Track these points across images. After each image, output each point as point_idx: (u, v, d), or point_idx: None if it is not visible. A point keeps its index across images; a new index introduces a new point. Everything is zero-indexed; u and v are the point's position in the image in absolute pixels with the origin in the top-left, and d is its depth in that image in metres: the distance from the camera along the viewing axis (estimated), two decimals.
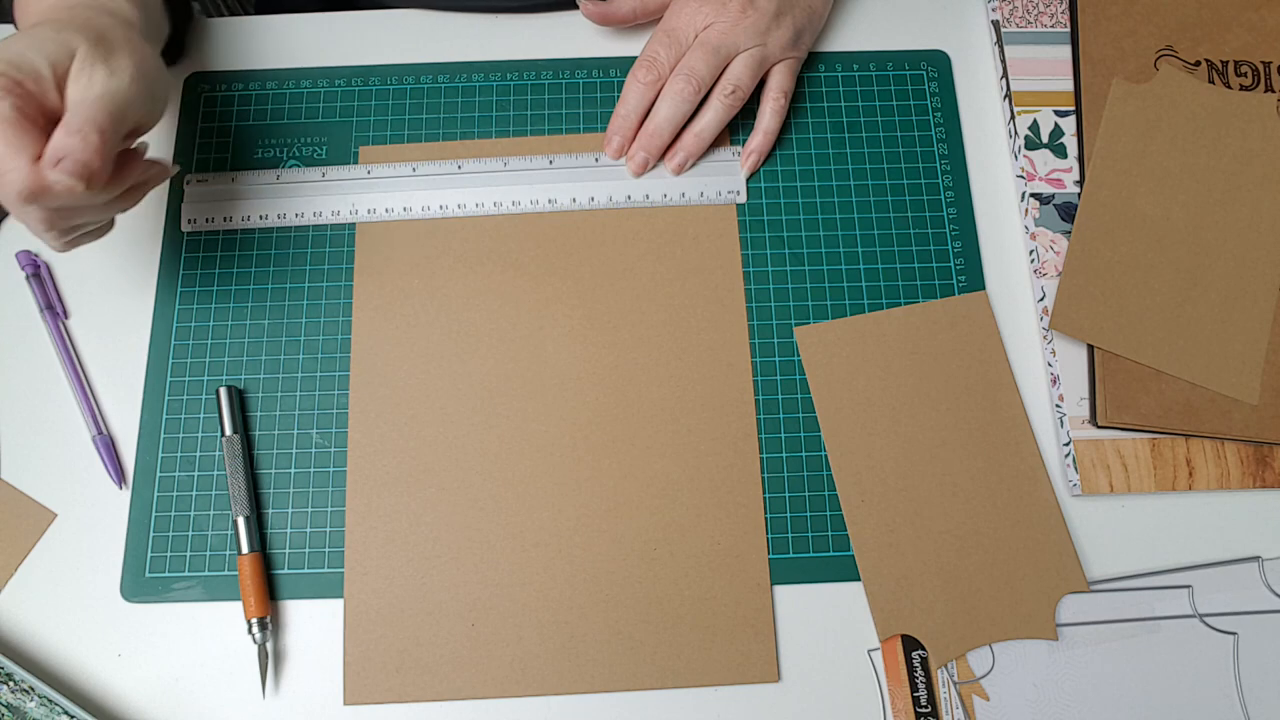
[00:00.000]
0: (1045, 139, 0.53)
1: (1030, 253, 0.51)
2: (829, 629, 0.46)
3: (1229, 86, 0.53)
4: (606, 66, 0.56)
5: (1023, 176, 0.52)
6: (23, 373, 0.49)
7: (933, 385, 0.49)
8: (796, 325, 0.50)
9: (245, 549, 0.45)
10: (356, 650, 0.45)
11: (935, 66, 0.56)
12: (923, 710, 0.44)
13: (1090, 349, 0.48)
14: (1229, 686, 0.45)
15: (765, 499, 0.47)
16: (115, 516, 0.47)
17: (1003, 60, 0.54)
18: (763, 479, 0.47)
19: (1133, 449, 0.47)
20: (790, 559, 0.46)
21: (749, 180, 0.53)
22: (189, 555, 0.46)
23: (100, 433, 0.48)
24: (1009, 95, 0.54)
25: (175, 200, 0.52)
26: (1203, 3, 0.55)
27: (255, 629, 0.44)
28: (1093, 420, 0.47)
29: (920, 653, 0.45)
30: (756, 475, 0.47)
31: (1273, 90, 0.53)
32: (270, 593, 0.46)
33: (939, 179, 0.53)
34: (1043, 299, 0.50)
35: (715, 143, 0.53)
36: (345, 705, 0.44)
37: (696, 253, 0.51)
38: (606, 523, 0.47)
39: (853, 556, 0.46)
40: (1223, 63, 0.53)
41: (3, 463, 0.48)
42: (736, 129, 0.54)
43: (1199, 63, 0.53)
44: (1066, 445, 0.47)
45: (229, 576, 0.46)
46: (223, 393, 0.48)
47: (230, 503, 0.46)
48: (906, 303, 0.51)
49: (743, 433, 0.48)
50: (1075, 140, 0.52)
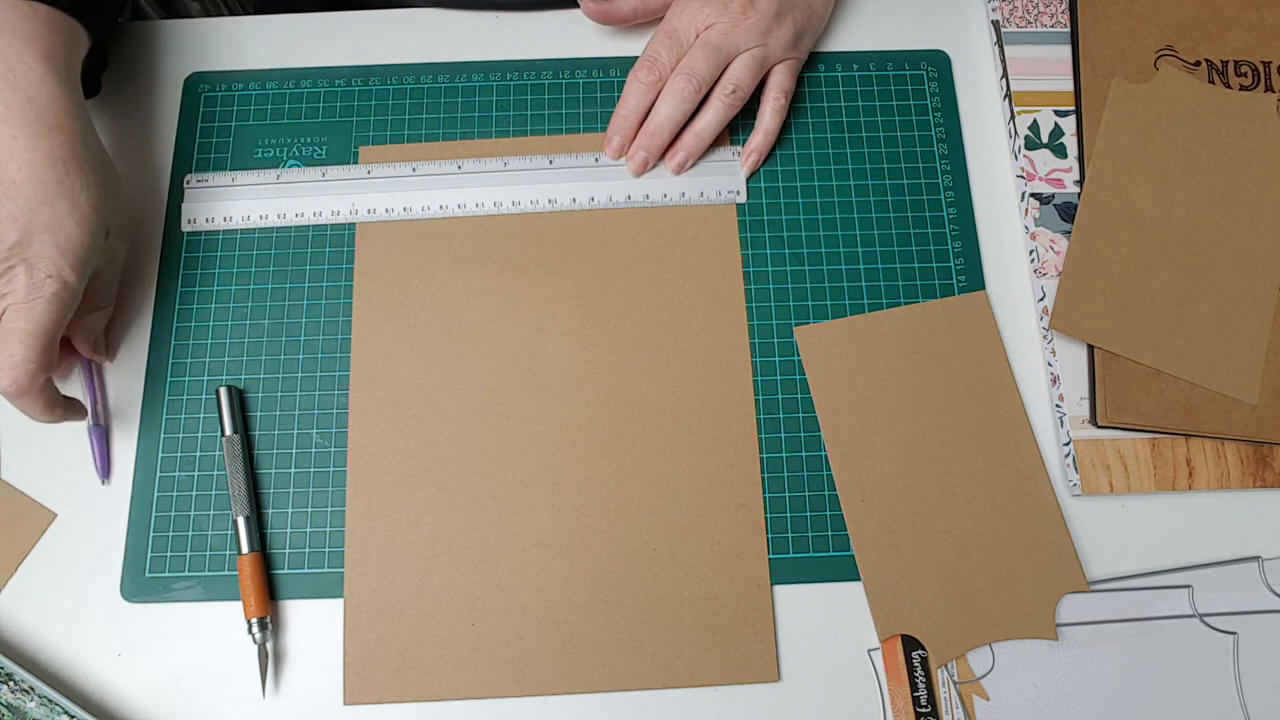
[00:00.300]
0: (1045, 139, 0.53)
1: (1030, 253, 0.51)
2: (829, 629, 0.45)
3: (1229, 86, 0.53)
4: (606, 66, 0.56)
5: (1023, 176, 0.52)
6: None
7: (933, 385, 0.49)
8: (796, 325, 0.50)
9: (245, 549, 0.45)
10: (356, 650, 0.45)
11: (935, 66, 0.56)
12: (923, 710, 0.44)
13: (1090, 349, 0.48)
14: (1229, 686, 0.45)
15: (765, 499, 0.47)
16: (115, 516, 0.47)
17: (1003, 60, 0.54)
18: (763, 479, 0.47)
19: (1133, 449, 0.47)
20: (790, 559, 0.46)
21: (749, 180, 0.53)
22: (189, 555, 0.46)
23: (97, 424, 0.48)
24: (1009, 95, 0.54)
25: (175, 200, 0.52)
26: (1203, 3, 0.54)
27: (255, 629, 0.44)
28: (1093, 420, 0.47)
29: (920, 653, 0.45)
30: (756, 475, 0.47)
31: (1273, 90, 0.53)
32: (270, 593, 0.46)
33: (939, 179, 0.53)
34: (1043, 299, 0.50)
35: (715, 143, 0.53)
36: (345, 705, 0.44)
37: (696, 253, 0.51)
38: (606, 523, 0.47)
39: (853, 556, 0.46)
40: (1223, 63, 0.53)
41: (3, 463, 0.48)
42: (736, 129, 0.54)
43: (1199, 63, 0.53)
44: (1066, 445, 0.47)
45: (229, 576, 0.46)
46: (223, 393, 0.48)
47: (230, 502, 0.46)
48: (906, 303, 0.51)
49: (743, 433, 0.48)
50: (1075, 140, 0.52)
